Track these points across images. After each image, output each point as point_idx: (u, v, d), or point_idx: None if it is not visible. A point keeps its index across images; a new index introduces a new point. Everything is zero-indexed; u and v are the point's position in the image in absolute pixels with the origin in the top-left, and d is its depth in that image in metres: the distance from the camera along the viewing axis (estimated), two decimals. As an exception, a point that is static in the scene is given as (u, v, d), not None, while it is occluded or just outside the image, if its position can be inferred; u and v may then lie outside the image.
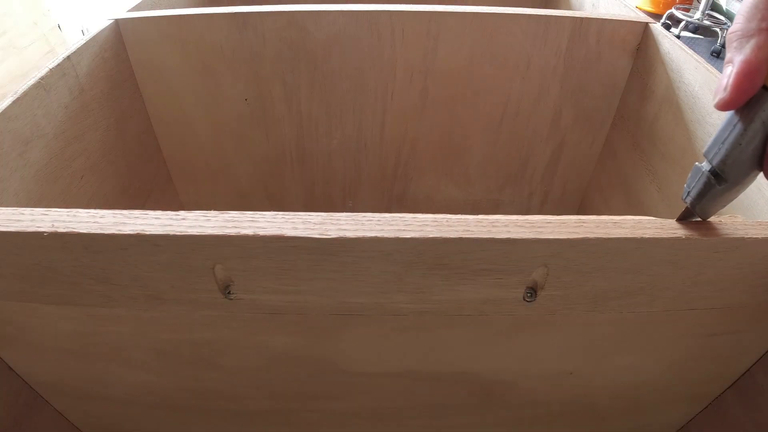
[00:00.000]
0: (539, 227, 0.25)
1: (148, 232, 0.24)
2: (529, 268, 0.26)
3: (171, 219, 0.25)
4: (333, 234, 0.24)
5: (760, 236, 0.25)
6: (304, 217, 0.25)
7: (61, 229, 0.24)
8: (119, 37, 0.54)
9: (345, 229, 0.25)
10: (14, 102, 0.41)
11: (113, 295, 0.28)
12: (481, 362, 0.36)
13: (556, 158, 0.68)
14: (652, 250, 0.25)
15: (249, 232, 0.24)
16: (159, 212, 0.25)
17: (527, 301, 0.28)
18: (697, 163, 0.26)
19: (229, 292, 0.28)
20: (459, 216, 0.26)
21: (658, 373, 0.38)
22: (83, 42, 0.49)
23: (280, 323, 0.31)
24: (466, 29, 0.55)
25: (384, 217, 0.25)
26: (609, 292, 0.28)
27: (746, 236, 0.25)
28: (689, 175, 0.26)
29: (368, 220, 0.25)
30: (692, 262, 0.26)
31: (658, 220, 0.26)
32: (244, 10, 0.54)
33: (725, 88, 0.22)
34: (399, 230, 0.25)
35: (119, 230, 0.24)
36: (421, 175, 0.70)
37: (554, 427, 0.45)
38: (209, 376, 0.37)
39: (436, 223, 0.25)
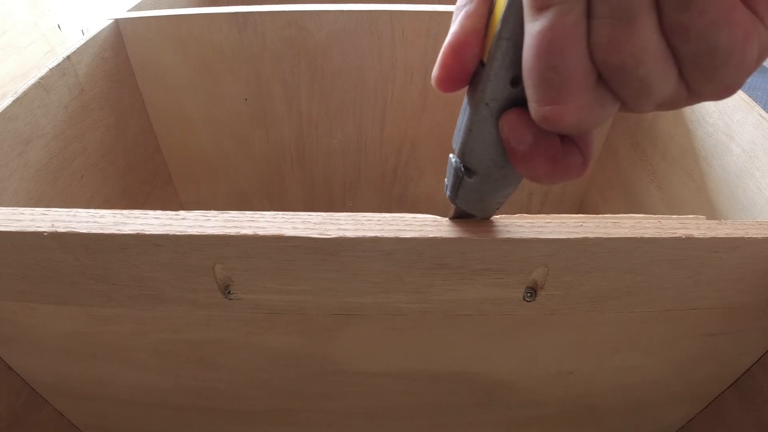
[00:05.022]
0: (539, 227, 0.25)
1: (148, 232, 0.24)
2: (529, 268, 0.26)
3: (171, 219, 0.25)
4: (333, 234, 0.24)
5: (760, 236, 0.25)
6: (303, 217, 0.25)
7: (61, 229, 0.24)
8: (119, 37, 0.54)
9: (345, 229, 0.25)
10: (14, 102, 0.41)
11: (113, 295, 0.28)
12: (481, 362, 0.36)
13: (556, 158, 0.67)
14: (652, 249, 0.25)
15: (249, 231, 0.24)
16: (159, 212, 0.25)
17: (527, 301, 0.28)
18: (450, 154, 0.23)
19: (229, 292, 0.28)
20: (459, 216, 0.26)
21: (657, 373, 0.38)
22: (83, 42, 0.49)
23: (280, 323, 0.31)
24: (466, 29, 0.55)
25: (384, 217, 0.25)
26: (609, 292, 0.28)
27: (746, 236, 0.25)
28: (447, 167, 0.23)
29: (368, 220, 0.25)
30: (692, 261, 0.26)
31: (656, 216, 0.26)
32: (244, 10, 0.54)
33: (436, 65, 0.19)
34: (399, 230, 0.25)
35: (119, 230, 0.24)
36: (421, 175, 0.70)
37: (554, 427, 0.45)
38: (209, 376, 0.37)
39: (436, 223, 0.25)
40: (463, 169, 0.22)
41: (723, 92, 0.15)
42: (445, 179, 0.24)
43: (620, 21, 0.14)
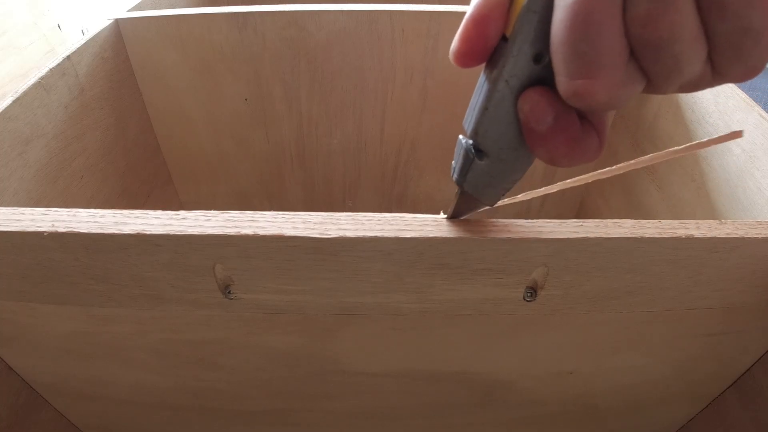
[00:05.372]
0: (539, 227, 0.25)
1: (148, 232, 0.24)
2: (529, 268, 0.26)
3: (171, 219, 0.25)
4: (333, 234, 0.24)
5: (760, 236, 0.25)
6: (304, 216, 0.25)
7: (61, 229, 0.24)
8: (119, 37, 0.54)
9: (345, 229, 0.25)
10: (14, 102, 0.41)
11: (113, 295, 0.28)
12: (481, 362, 0.36)
13: (556, 158, 0.67)
14: (652, 249, 0.25)
15: (249, 231, 0.24)
16: (159, 212, 0.25)
17: (527, 301, 0.28)
18: (460, 135, 0.22)
19: (229, 292, 0.28)
20: (459, 216, 0.26)
21: (658, 373, 0.38)
22: (83, 42, 0.49)
23: (280, 323, 0.31)
24: (466, 29, 0.55)
25: (384, 217, 0.25)
26: (609, 292, 0.28)
27: (746, 236, 0.25)
28: (455, 149, 0.22)
29: (368, 220, 0.25)
30: (692, 261, 0.26)
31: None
32: (244, 10, 0.54)
33: (456, 38, 0.19)
34: (399, 230, 0.25)
35: (119, 230, 0.24)
36: (421, 175, 0.70)
37: (554, 427, 0.45)
38: (209, 376, 0.37)
39: (436, 223, 0.25)
40: (474, 150, 0.21)
41: (748, 73, 0.16)
42: (453, 162, 0.23)
43: None
